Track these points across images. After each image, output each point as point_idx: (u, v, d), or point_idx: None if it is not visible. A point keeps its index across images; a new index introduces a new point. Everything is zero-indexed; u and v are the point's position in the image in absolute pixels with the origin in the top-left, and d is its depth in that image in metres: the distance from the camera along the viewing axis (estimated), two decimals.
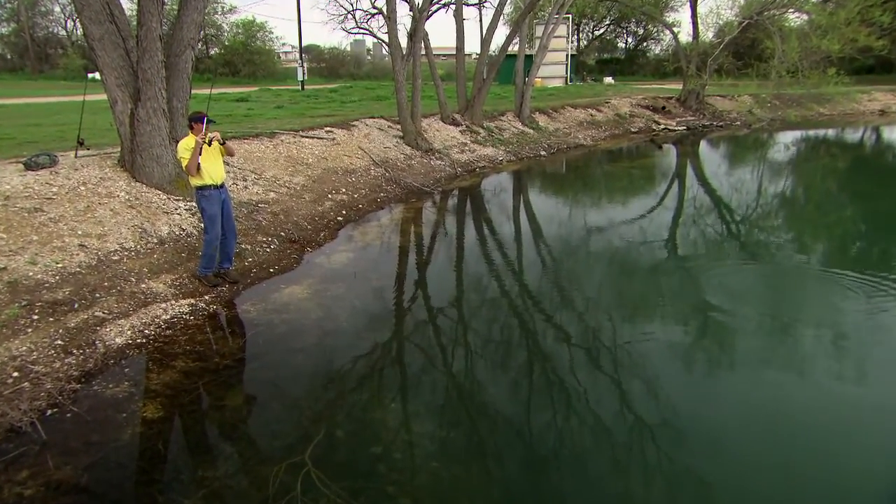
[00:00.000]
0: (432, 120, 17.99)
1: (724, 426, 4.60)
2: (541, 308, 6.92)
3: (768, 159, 19.12)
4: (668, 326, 6.28)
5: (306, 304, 6.84)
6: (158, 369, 5.31)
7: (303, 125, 14.58)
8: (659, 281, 7.76)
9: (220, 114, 15.79)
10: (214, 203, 6.78)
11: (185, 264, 7.38)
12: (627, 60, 53.14)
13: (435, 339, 6.19)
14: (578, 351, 5.79)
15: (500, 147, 17.86)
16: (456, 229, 10.69)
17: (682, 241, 9.70)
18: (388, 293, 7.40)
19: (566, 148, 19.52)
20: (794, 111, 27.32)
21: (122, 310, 6.19)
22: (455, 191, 13.52)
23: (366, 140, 14.76)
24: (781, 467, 4.16)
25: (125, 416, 4.61)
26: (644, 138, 22.62)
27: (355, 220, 10.48)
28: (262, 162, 11.37)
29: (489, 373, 5.47)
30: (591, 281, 7.85)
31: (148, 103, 8.16)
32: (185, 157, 6.55)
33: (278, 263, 8.04)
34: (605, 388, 5.14)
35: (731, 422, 4.65)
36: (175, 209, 8.31)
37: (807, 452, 4.34)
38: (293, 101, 22.71)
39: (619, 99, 27.04)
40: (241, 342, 5.91)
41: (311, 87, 30.96)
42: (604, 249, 9.07)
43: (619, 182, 15.10)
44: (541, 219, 11.24)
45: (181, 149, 6.62)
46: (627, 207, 12.12)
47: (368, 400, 5.00)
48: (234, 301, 6.89)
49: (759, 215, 11.43)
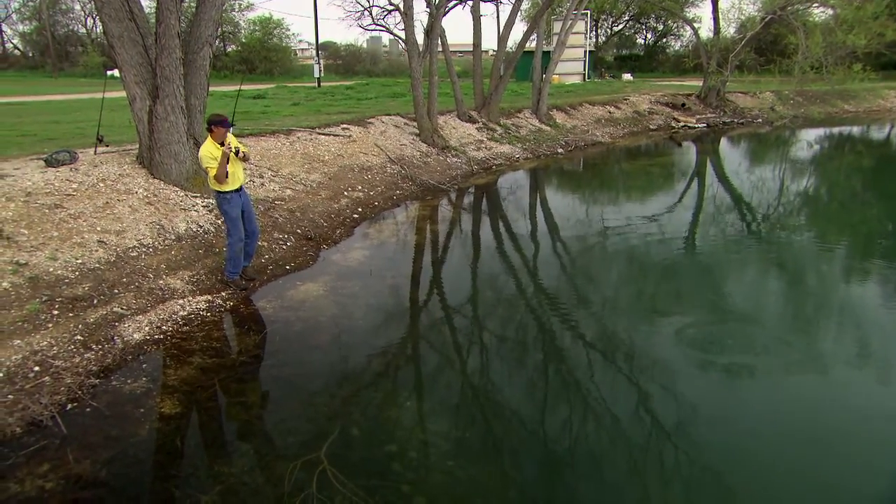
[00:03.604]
0: (449, 117, 17.97)
1: (748, 430, 4.55)
2: (558, 307, 6.90)
3: (791, 157, 18.87)
4: (688, 327, 6.22)
5: (322, 301, 6.88)
6: (176, 365, 5.37)
7: (319, 122, 14.65)
8: (679, 281, 7.70)
9: (237, 111, 15.88)
10: (236, 206, 6.81)
11: (202, 261, 7.45)
12: (646, 57, 52.71)
13: (450, 338, 6.19)
14: (596, 351, 5.77)
15: (516, 144, 17.80)
16: (472, 227, 10.68)
17: (702, 241, 9.61)
18: (404, 291, 7.42)
19: (584, 145, 19.41)
20: (817, 108, 26.95)
21: (140, 306, 6.27)
22: (471, 188, 13.51)
23: (382, 137, 14.79)
24: (809, 474, 4.11)
25: (143, 412, 4.68)
26: (663, 136, 22.43)
27: (371, 217, 10.51)
28: (278, 159, 11.44)
29: (505, 372, 5.47)
30: (608, 280, 7.81)
31: (166, 100, 8.25)
32: (212, 167, 6.52)
33: (294, 260, 8.09)
34: (624, 389, 5.11)
35: (756, 426, 4.60)
36: (192, 206, 8.40)
37: (837, 459, 4.27)
38: (309, 98, 22.80)
39: (637, 96, 26.84)
40: (258, 339, 5.96)
41: (328, 84, 31.09)
42: (622, 249, 9.01)
43: (638, 180, 14.98)
44: (558, 217, 11.19)
45: (206, 157, 6.54)
46: (646, 206, 12.03)
47: (384, 398, 5.02)
48: (251, 298, 6.95)
49: (782, 215, 11.29)
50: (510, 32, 19.52)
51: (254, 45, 42.96)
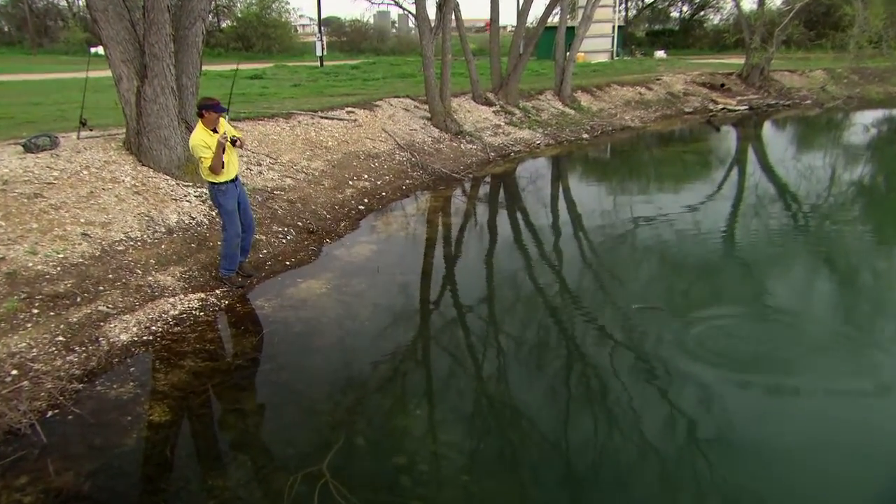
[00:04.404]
0: (463, 99, 17.93)
1: (793, 450, 4.50)
2: (582, 308, 6.87)
3: (844, 143, 18.63)
4: (726, 333, 6.17)
5: (325, 300, 6.89)
6: (166, 369, 5.41)
7: (322, 105, 14.66)
8: (716, 280, 7.63)
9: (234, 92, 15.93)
10: (231, 198, 6.81)
11: (194, 255, 7.50)
12: (682, 32, 52.22)
13: (464, 341, 6.18)
14: (623, 356, 5.73)
15: (537, 129, 17.74)
16: (488, 220, 10.66)
17: (742, 236, 9.52)
18: (414, 290, 7.42)
19: (611, 130, 19.31)
20: (875, 88, 26.53)
21: (128, 304, 6.32)
22: (487, 178, 13.48)
23: (390, 121, 14.79)
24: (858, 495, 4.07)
25: (130, 419, 4.71)
26: (700, 119, 22.24)
27: (378, 208, 10.52)
28: (277, 145, 11.48)
29: (524, 378, 5.45)
30: (638, 279, 7.75)
31: (155, 80, 8.29)
32: (206, 157, 6.47)
33: (295, 256, 8.12)
34: (654, 400, 5.07)
35: (800, 445, 4.55)
36: (184, 196, 8.45)
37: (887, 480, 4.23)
38: (311, 79, 22.84)
39: (671, 75, 26.63)
40: (255, 341, 5.98)
41: (331, 64, 31.13)
42: (653, 244, 8.95)
43: (671, 168, 14.87)
44: (582, 209, 11.14)
45: (198, 146, 6.49)
46: (680, 197, 11.93)
47: (392, 406, 5.02)
48: (248, 296, 6.98)
49: (833, 207, 11.14)
50: (531, 6, 19.47)
51: (250, 21, 43.04)
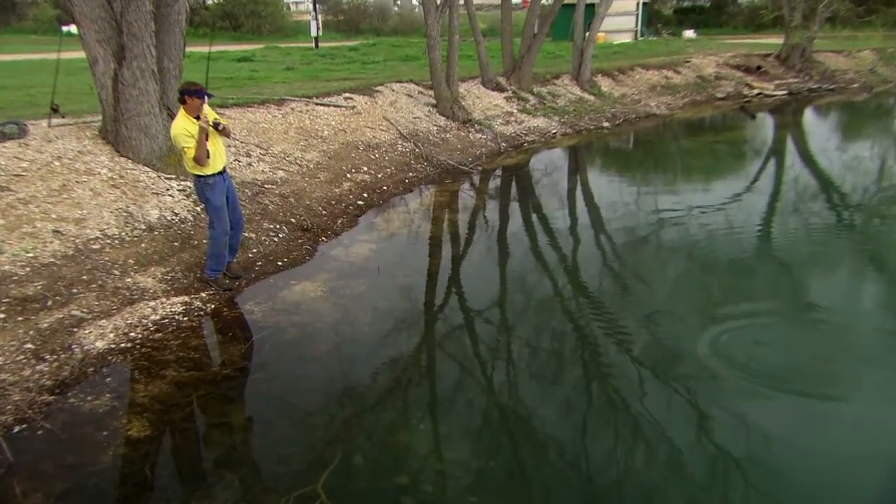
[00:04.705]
0: (472, 84, 17.95)
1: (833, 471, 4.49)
2: (602, 314, 6.86)
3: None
4: (761, 342, 6.14)
5: (320, 304, 6.91)
6: (146, 379, 5.42)
7: (317, 90, 14.70)
8: (750, 284, 7.60)
9: (219, 76, 16.02)
10: (220, 192, 6.79)
11: (178, 255, 7.52)
12: (713, 10, 52.04)
13: (472, 349, 6.19)
14: (647, 368, 5.71)
15: (553, 117, 17.73)
16: (499, 217, 10.66)
17: (780, 235, 9.49)
18: (418, 293, 7.43)
19: (635, 118, 19.27)
20: None
21: (104, 308, 6.34)
22: (498, 170, 13.48)
23: (392, 109, 14.82)
24: None
25: (106, 435, 4.72)
26: (733, 106, 22.17)
27: (379, 204, 10.54)
28: (268, 134, 11.52)
29: (537, 391, 5.45)
30: (663, 283, 7.72)
31: (134, 63, 8.31)
32: (189, 147, 6.42)
33: (288, 255, 8.15)
34: (679, 415, 5.06)
35: (842, 467, 4.53)
36: (166, 189, 8.48)
37: None
38: (305, 62, 22.88)
39: (701, 57, 26.55)
40: (244, 348, 6.00)
41: (327, 45, 31.17)
42: (680, 244, 8.93)
43: (701, 160, 14.83)
44: (602, 205, 11.12)
45: (181, 135, 6.44)
46: (710, 192, 11.90)
47: (393, 420, 5.03)
48: (236, 299, 7.00)
49: (882, 203, 11.09)
50: None
51: None
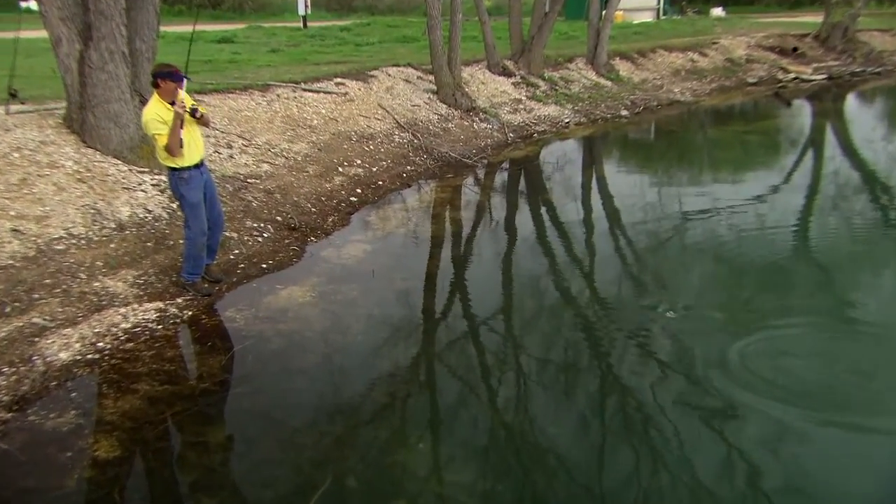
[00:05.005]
0: (476, 68, 17.97)
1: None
2: (620, 323, 6.83)
3: None
4: (796, 355, 6.11)
5: (309, 310, 6.91)
6: (116, 394, 5.41)
7: (305, 75, 14.72)
8: (782, 290, 7.56)
9: (198, 59, 16.04)
10: (195, 187, 6.76)
11: (151, 257, 7.51)
12: None
13: (477, 361, 6.18)
14: (668, 382, 5.68)
15: (566, 105, 17.73)
16: (506, 215, 10.67)
17: (818, 236, 9.47)
18: (417, 298, 7.44)
19: (656, 106, 19.27)
20: None
21: (69, 316, 6.33)
22: (505, 163, 13.49)
23: (388, 95, 14.83)
24: None
25: (71, 456, 4.70)
26: (766, 92, 22.18)
27: (374, 201, 10.55)
28: (251, 123, 11.52)
29: (548, 408, 5.44)
30: (688, 289, 7.69)
31: (102, 44, 8.29)
32: (162, 134, 6.38)
33: (273, 257, 8.14)
34: (704, 436, 5.04)
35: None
36: (138, 184, 8.47)
37: None
38: (292, 43, 22.90)
39: (731, 38, 26.55)
40: (224, 360, 5.98)
41: (316, 25, 31.17)
42: (706, 246, 8.91)
43: (730, 152, 14.82)
44: (620, 202, 11.10)
45: (152, 121, 6.40)
46: (740, 188, 11.87)
47: (389, 439, 5.02)
48: (216, 306, 6.99)
49: None
50: None
51: None
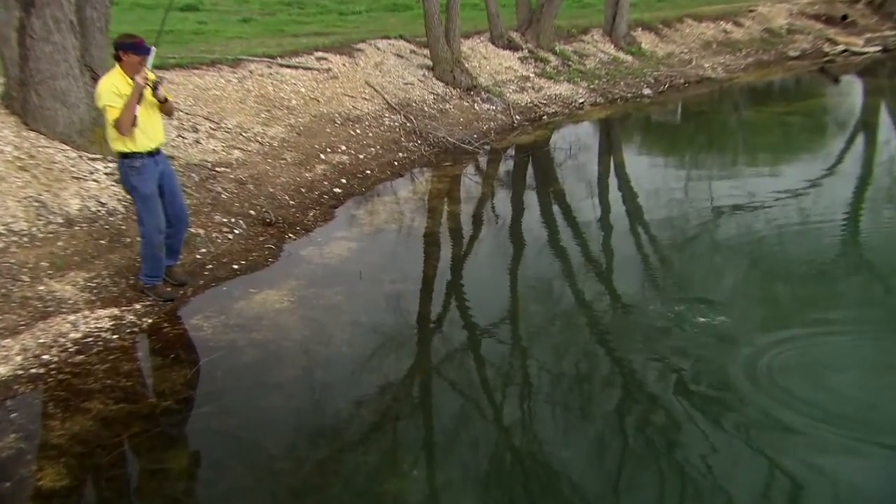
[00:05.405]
0: (478, 41, 17.94)
1: None
2: (639, 333, 6.81)
3: None
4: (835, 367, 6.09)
5: (287, 318, 6.89)
6: (63, 414, 5.37)
7: (282, 49, 14.68)
8: (830, 295, 7.57)
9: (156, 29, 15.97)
10: (149, 178, 6.73)
11: (105, 256, 7.48)
12: None
13: (478, 375, 6.18)
14: (695, 400, 5.67)
15: (580, 83, 17.72)
16: (511, 209, 10.68)
17: (869, 233, 9.46)
18: (410, 304, 7.43)
19: (684, 84, 19.26)
20: None
21: (9, 324, 6.29)
22: (510, 150, 13.49)
23: (377, 72, 14.80)
24: None
25: (10, 486, 4.66)
26: (810, 67, 22.16)
27: (361, 192, 10.55)
28: (220, 104, 11.48)
29: (558, 428, 5.43)
30: (719, 293, 7.63)
31: (47, 11, 8.25)
32: (114, 107, 6.35)
33: (246, 256, 8.12)
34: (735, 460, 5.02)
35: None
36: (90, 173, 8.43)
37: None
38: (266, 12, 22.91)
39: (770, 5, 26.54)
40: (189, 374, 5.96)
41: None
42: (741, 244, 8.89)
43: (769, 137, 14.84)
44: (643, 195, 11.09)
45: (106, 92, 6.38)
46: (780, 178, 11.87)
47: (378, 464, 5.02)
48: (180, 313, 6.98)
49: None
50: None
51: None
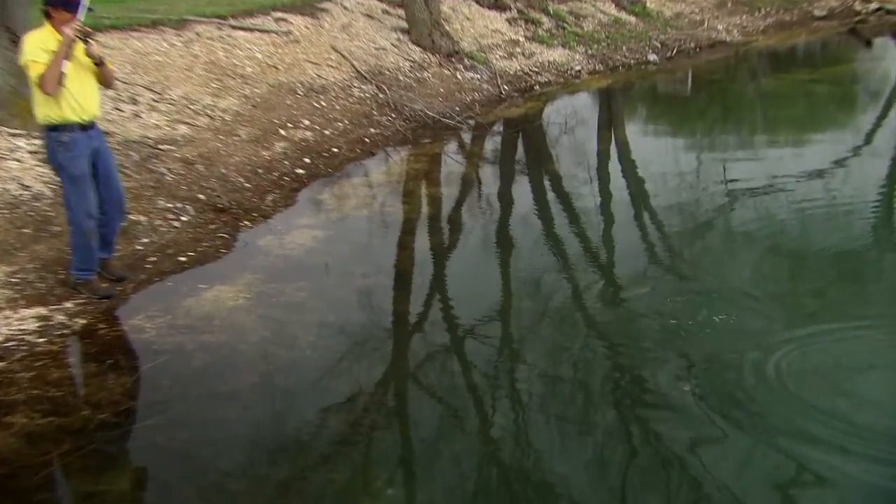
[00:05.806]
0: (460, 0, 17.96)
1: None
2: (643, 332, 6.84)
3: None
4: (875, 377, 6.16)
5: (243, 316, 6.88)
6: None
7: (234, 8, 14.64)
8: (861, 287, 7.63)
9: None
10: (80, 155, 6.68)
11: (29, 247, 7.45)
12: None
13: (462, 381, 6.20)
14: (706, 408, 5.67)
15: (576, 48, 17.75)
16: (499, 192, 10.70)
17: None
18: (384, 300, 7.43)
19: (694, 48, 19.33)
20: None
21: None
22: (498, 125, 13.52)
23: (345, 35, 14.77)
24: None
25: None
26: (839, 28, 22.29)
27: (327, 173, 10.55)
28: (163, 71, 11.44)
29: (553, 439, 5.46)
30: (734, 284, 7.67)
31: None
32: (40, 62, 6.31)
33: (194, 247, 8.11)
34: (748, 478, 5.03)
35: None
36: (10, 151, 8.40)
37: None
38: None
39: None
40: (130, 382, 5.93)
41: None
42: (759, 230, 8.95)
43: (791, 108, 14.92)
44: (648, 174, 11.14)
45: (32, 49, 6.35)
46: (804, 155, 11.96)
47: (348, 482, 5.03)
48: (118, 312, 6.96)
49: None
50: None
51: None
